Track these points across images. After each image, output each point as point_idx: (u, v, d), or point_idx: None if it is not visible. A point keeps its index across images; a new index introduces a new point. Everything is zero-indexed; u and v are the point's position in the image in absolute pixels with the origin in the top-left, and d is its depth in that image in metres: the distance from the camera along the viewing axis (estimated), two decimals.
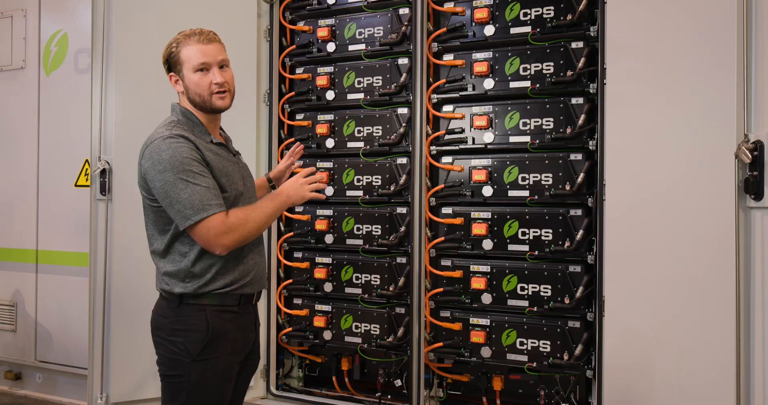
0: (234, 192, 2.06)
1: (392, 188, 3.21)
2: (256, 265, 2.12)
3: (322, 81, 3.41)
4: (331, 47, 3.41)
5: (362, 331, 3.27)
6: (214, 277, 2.00)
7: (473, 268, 3.04)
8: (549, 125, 2.94)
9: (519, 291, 2.95)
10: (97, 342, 3.15)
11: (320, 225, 3.36)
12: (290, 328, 3.42)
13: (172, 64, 2.06)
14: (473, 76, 3.09)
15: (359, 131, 3.34)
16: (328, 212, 3.37)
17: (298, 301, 3.45)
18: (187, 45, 2.01)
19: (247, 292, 2.09)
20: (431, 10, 3.19)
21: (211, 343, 1.99)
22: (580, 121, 2.86)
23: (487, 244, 3.01)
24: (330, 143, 3.40)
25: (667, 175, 2.55)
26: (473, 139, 3.09)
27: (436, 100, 3.16)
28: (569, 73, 2.88)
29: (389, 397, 3.31)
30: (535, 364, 2.89)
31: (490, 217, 3.02)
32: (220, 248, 1.95)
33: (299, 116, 3.51)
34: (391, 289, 3.19)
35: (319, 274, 3.35)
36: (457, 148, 3.12)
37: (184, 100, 2.10)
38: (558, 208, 2.91)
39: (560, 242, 2.88)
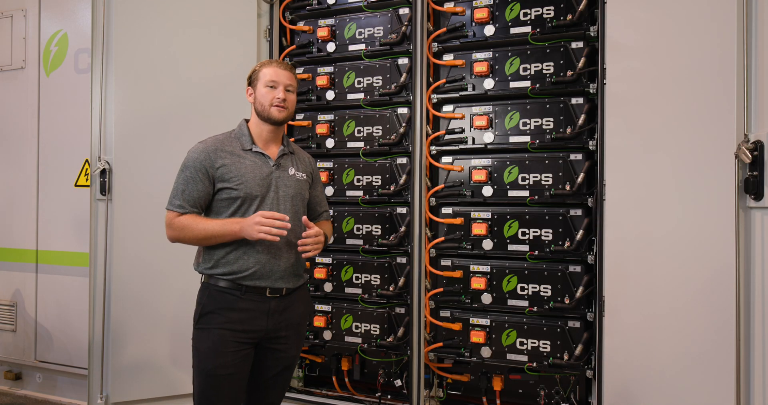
0: (243, 193, 2.30)
1: (392, 188, 3.21)
2: (259, 264, 2.30)
3: (322, 81, 3.41)
4: (331, 47, 3.42)
5: (362, 331, 3.27)
6: (216, 264, 2.32)
7: (473, 268, 3.04)
8: (549, 125, 2.94)
9: (519, 291, 2.95)
10: (97, 342, 3.15)
11: None
12: None
13: (252, 79, 2.43)
14: (473, 76, 3.09)
15: (359, 131, 3.34)
16: None
17: None
18: (268, 67, 2.41)
19: (248, 284, 2.30)
20: (431, 10, 3.19)
21: (204, 315, 2.31)
22: (580, 121, 2.86)
23: (487, 244, 3.01)
24: (330, 143, 3.40)
25: (667, 174, 2.55)
26: (473, 139, 3.09)
27: (436, 100, 3.16)
28: (569, 73, 2.88)
29: (389, 397, 3.31)
30: (535, 364, 2.89)
31: (490, 217, 3.02)
32: (167, 235, 2.34)
33: (299, 116, 3.51)
34: (391, 289, 3.19)
35: (319, 274, 3.35)
36: (457, 148, 3.12)
37: (253, 110, 2.44)
38: (558, 208, 2.91)
39: (560, 242, 2.88)
